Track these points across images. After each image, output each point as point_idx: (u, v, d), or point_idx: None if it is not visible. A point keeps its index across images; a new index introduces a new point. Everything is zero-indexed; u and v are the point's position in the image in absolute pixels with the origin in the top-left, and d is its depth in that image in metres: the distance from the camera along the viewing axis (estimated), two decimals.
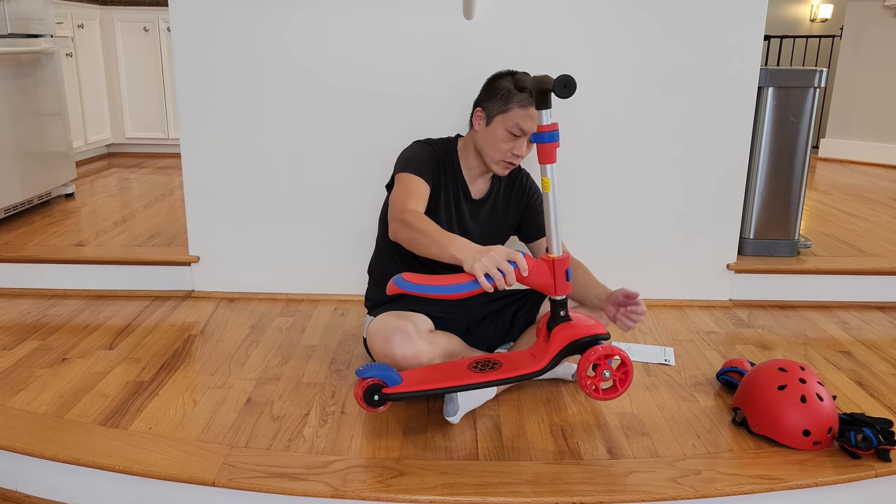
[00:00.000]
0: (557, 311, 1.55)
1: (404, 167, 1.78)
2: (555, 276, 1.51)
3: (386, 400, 1.52)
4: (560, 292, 1.53)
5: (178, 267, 2.56)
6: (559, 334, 1.55)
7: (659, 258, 2.53)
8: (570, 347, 1.54)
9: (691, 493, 1.46)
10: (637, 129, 2.42)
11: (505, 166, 1.79)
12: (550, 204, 1.54)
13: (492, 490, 1.45)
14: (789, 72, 2.55)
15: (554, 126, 1.50)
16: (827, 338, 2.28)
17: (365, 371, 1.51)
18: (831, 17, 6.43)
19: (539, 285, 1.51)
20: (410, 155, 1.82)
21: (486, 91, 1.81)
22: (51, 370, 1.95)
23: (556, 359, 1.54)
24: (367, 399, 1.51)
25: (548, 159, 1.51)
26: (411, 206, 1.66)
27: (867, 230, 3.12)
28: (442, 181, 1.84)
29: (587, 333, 1.53)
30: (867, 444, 1.55)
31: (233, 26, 2.33)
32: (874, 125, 4.95)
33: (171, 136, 4.75)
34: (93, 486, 1.56)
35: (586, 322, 1.57)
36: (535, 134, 1.51)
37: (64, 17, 4.10)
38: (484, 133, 1.79)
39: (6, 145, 3.01)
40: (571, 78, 1.40)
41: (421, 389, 1.52)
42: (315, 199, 2.48)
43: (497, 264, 1.42)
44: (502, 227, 1.95)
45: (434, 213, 1.82)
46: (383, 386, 1.51)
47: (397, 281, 1.46)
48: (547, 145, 1.50)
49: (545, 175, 1.52)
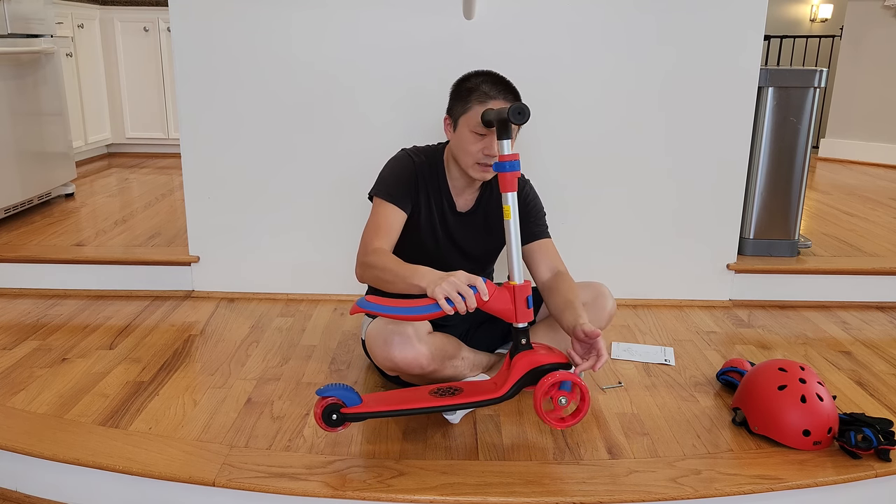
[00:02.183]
0: (519, 338, 1.55)
1: (378, 190, 1.77)
2: (515, 304, 1.52)
3: (345, 420, 1.50)
4: (521, 320, 1.53)
5: (178, 267, 2.56)
6: (519, 362, 1.55)
7: (659, 258, 2.53)
8: (530, 375, 1.54)
9: (691, 493, 1.46)
10: (637, 128, 2.42)
11: (481, 169, 1.72)
12: (512, 232, 1.55)
13: (492, 490, 1.45)
14: (789, 72, 2.55)
15: (515, 156, 1.53)
16: (827, 338, 2.28)
17: (325, 390, 1.49)
18: (831, 17, 6.43)
19: (500, 312, 1.52)
20: (387, 174, 1.79)
21: (451, 96, 1.77)
22: (51, 370, 1.95)
23: (516, 386, 1.54)
24: (326, 419, 1.49)
25: (508, 188, 1.54)
26: (376, 244, 1.69)
27: (867, 230, 3.12)
28: (423, 196, 1.79)
29: (547, 361, 1.54)
30: (867, 444, 1.55)
31: (233, 26, 2.33)
32: (874, 125, 4.95)
33: (171, 136, 4.75)
34: (93, 486, 1.56)
35: (547, 350, 1.58)
36: (497, 163, 1.55)
37: (64, 17, 4.10)
38: (454, 140, 1.75)
39: (6, 145, 3.01)
40: (525, 106, 1.47)
41: (379, 410, 1.51)
42: (315, 199, 2.48)
43: (457, 288, 1.45)
44: (492, 236, 1.89)
45: (417, 229, 1.80)
46: (342, 406, 1.50)
47: (360, 303, 1.48)
48: (508, 174, 1.53)
49: (506, 203, 1.55)
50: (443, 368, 1.72)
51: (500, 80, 1.71)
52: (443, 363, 1.71)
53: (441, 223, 1.83)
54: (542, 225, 1.86)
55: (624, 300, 2.54)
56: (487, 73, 1.73)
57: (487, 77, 1.71)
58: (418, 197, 1.79)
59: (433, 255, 1.83)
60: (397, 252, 1.85)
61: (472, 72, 1.76)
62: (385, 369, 1.76)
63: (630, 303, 2.54)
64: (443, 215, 1.82)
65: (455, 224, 1.84)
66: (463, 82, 1.74)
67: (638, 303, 2.55)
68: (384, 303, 1.49)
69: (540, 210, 1.88)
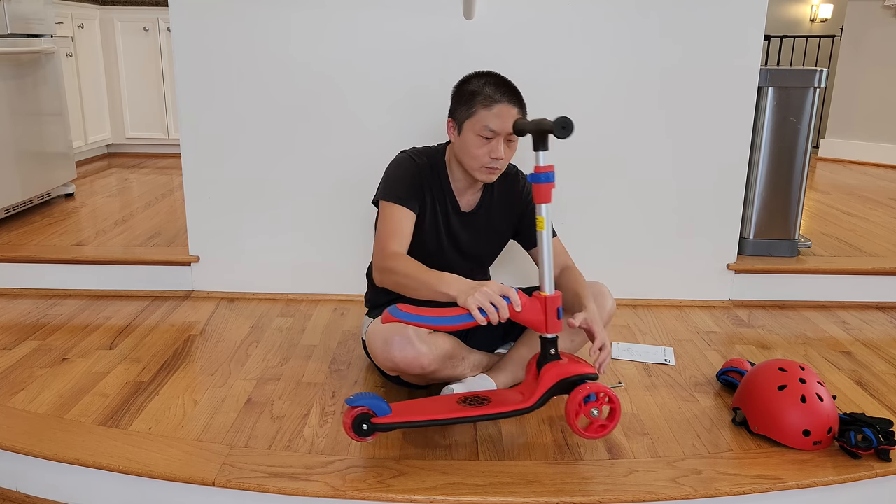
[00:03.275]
0: (547, 348, 1.56)
1: (386, 193, 1.76)
2: (546, 315, 1.52)
3: (374, 430, 1.51)
4: (551, 330, 1.54)
5: (178, 267, 2.56)
6: (548, 372, 1.55)
7: (659, 258, 2.53)
8: (559, 386, 1.55)
9: (691, 493, 1.46)
10: (637, 128, 2.42)
11: (488, 172, 1.72)
12: (545, 243, 1.54)
13: (492, 490, 1.45)
14: (789, 72, 2.55)
15: (550, 167, 1.51)
16: (827, 338, 2.28)
17: (355, 400, 1.49)
18: (831, 17, 6.43)
19: (530, 322, 1.53)
20: (392, 176, 1.78)
21: (453, 99, 1.76)
22: (51, 370, 1.95)
23: (545, 397, 1.55)
24: (356, 428, 1.50)
25: (543, 199, 1.53)
26: (393, 248, 1.67)
27: (867, 230, 3.12)
28: (428, 198, 1.79)
29: (576, 372, 1.54)
30: (867, 444, 1.55)
31: (233, 26, 2.33)
32: (874, 125, 4.95)
33: (171, 136, 4.75)
34: (93, 486, 1.56)
35: (576, 360, 1.59)
36: (532, 174, 1.52)
37: (64, 17, 4.10)
38: (458, 142, 1.73)
39: (6, 145, 3.01)
40: (569, 120, 1.43)
41: (410, 421, 1.52)
42: (316, 199, 2.48)
43: (490, 299, 1.44)
44: (497, 235, 1.90)
45: (421, 230, 1.79)
46: (372, 416, 1.50)
47: (393, 312, 1.48)
48: (543, 185, 1.52)
49: (540, 214, 1.54)
50: (443, 368, 1.72)
51: (503, 82, 1.71)
52: (443, 363, 1.71)
53: (445, 223, 1.82)
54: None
55: (624, 300, 2.54)
56: (490, 75, 1.72)
57: (490, 79, 1.71)
58: (424, 198, 1.78)
59: (434, 255, 1.83)
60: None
61: (473, 73, 1.75)
62: (385, 369, 1.76)
63: (630, 303, 2.54)
64: (446, 216, 1.82)
65: (458, 224, 1.84)
66: (465, 84, 1.73)
67: (638, 303, 2.55)
68: (418, 312, 1.48)
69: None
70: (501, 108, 1.65)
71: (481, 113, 1.66)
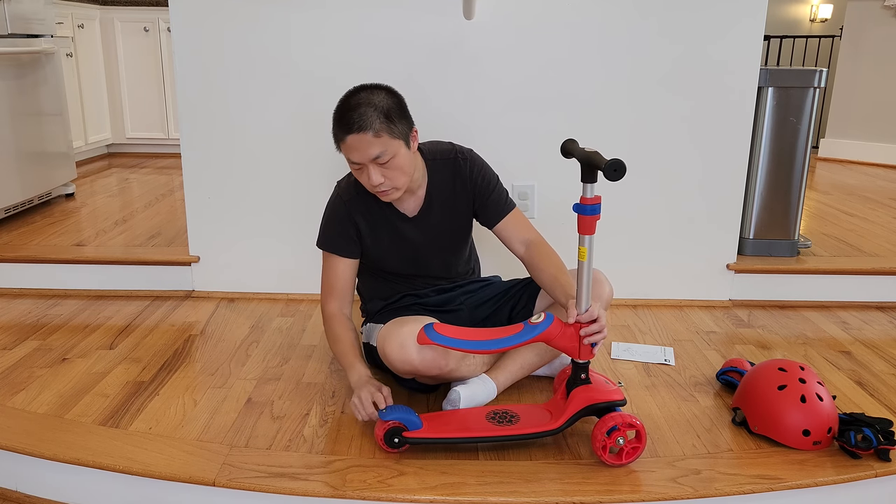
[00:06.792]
0: (578, 373, 1.58)
1: (322, 241, 1.83)
2: (580, 342, 1.55)
3: (406, 443, 1.55)
4: (583, 357, 1.56)
5: (178, 267, 2.56)
6: (578, 396, 1.57)
7: (658, 258, 2.53)
8: (587, 410, 1.57)
9: (691, 492, 1.46)
10: (636, 129, 2.42)
11: (381, 195, 1.69)
12: (585, 272, 1.52)
13: (492, 490, 1.45)
14: (789, 72, 2.55)
15: (597, 199, 1.48)
16: (827, 338, 2.28)
17: (387, 413, 1.54)
18: (831, 17, 6.43)
19: (564, 348, 1.56)
20: (325, 222, 1.82)
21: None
22: (51, 370, 1.95)
23: (573, 419, 1.57)
24: (388, 441, 1.55)
25: (587, 230, 1.51)
26: (330, 308, 1.80)
27: (867, 230, 3.12)
28: (364, 224, 1.79)
29: (605, 399, 1.56)
30: (867, 444, 1.55)
31: (233, 26, 2.33)
32: (874, 125, 4.95)
33: (171, 136, 4.75)
34: (93, 486, 1.56)
35: (605, 386, 1.60)
36: (577, 205, 1.50)
37: (64, 17, 4.11)
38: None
39: (6, 145, 3.01)
40: (622, 163, 1.38)
41: (441, 437, 1.56)
42: (315, 199, 2.47)
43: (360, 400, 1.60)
44: (456, 224, 1.87)
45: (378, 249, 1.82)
46: (404, 429, 1.54)
47: (431, 336, 1.55)
48: (588, 217, 1.50)
49: (582, 245, 1.52)
50: (459, 368, 1.72)
51: (345, 109, 1.63)
52: (458, 363, 1.72)
53: (395, 235, 1.82)
54: (503, 202, 1.84)
55: (624, 300, 2.54)
56: (339, 105, 1.66)
57: (336, 112, 1.65)
58: (359, 231, 1.80)
59: (403, 261, 1.86)
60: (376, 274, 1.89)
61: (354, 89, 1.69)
62: (401, 373, 1.73)
63: (630, 303, 2.54)
64: (394, 228, 1.81)
65: (411, 230, 1.82)
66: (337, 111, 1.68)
67: (638, 303, 2.55)
68: (455, 336, 1.55)
69: (495, 185, 1.84)
70: (351, 141, 1.61)
71: (341, 148, 1.66)
